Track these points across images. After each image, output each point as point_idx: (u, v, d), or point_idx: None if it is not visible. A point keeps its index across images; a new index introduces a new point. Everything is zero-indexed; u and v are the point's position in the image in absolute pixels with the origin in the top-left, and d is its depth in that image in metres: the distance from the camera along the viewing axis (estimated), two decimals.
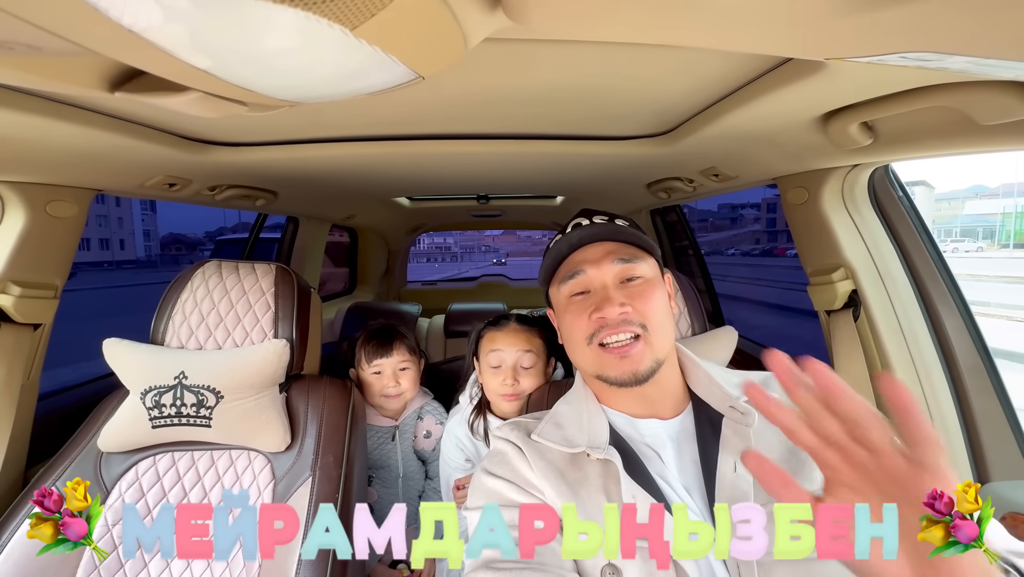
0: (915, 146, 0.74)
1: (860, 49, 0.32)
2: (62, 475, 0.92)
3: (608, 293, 0.65)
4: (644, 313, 0.64)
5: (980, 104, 0.57)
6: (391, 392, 1.26)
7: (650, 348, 0.64)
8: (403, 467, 1.31)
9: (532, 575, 0.53)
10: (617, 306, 0.64)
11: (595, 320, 0.65)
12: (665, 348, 0.66)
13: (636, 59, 0.61)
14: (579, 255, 0.70)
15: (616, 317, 0.64)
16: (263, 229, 2.29)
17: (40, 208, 0.98)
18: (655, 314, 0.65)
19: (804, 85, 0.60)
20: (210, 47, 0.22)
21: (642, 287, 0.67)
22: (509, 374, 1.07)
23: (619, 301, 0.64)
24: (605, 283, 0.67)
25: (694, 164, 1.13)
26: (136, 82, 0.29)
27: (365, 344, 1.27)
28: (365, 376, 1.27)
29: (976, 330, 0.97)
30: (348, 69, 0.28)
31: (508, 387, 1.07)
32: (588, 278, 0.68)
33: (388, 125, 0.90)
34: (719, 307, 2.04)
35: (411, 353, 1.29)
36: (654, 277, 0.69)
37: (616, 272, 0.67)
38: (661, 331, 0.65)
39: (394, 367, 1.26)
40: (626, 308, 0.64)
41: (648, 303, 0.65)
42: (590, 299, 0.67)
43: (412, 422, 1.35)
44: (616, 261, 0.67)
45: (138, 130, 0.81)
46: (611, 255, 0.68)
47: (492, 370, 1.10)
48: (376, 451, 1.29)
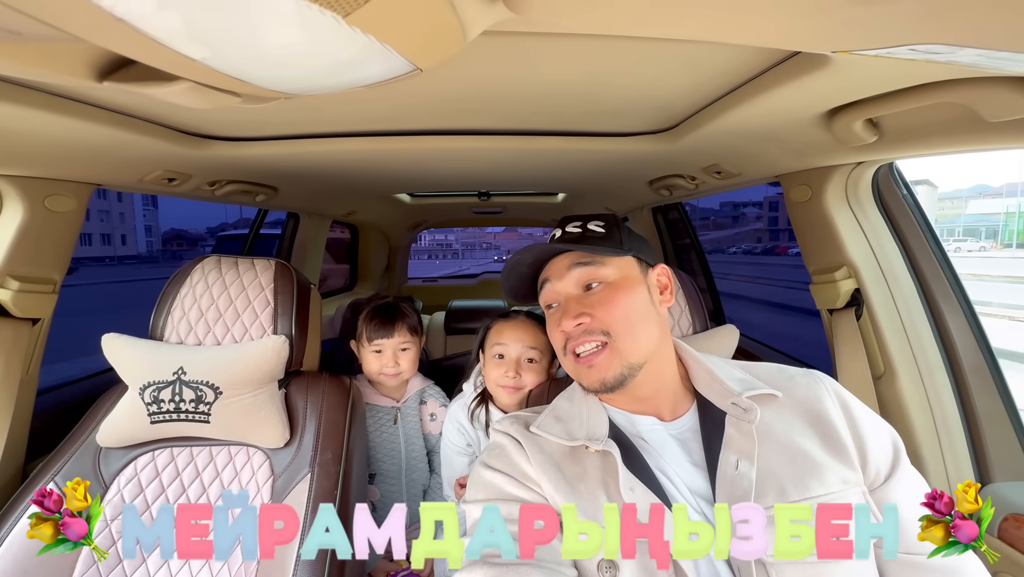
0: (921, 143, 0.73)
1: (869, 41, 0.31)
2: (61, 470, 0.92)
3: (568, 305, 0.66)
4: (605, 320, 0.64)
5: (987, 100, 0.56)
6: (390, 372, 1.25)
7: (617, 355, 0.63)
8: (406, 456, 1.29)
9: (529, 571, 0.52)
10: (573, 318, 0.64)
11: (561, 333, 0.66)
12: (639, 351, 0.64)
13: (638, 54, 0.61)
14: (547, 268, 0.72)
15: (576, 329, 0.65)
16: (264, 225, 2.29)
17: (39, 202, 0.98)
18: (618, 319, 0.64)
19: (809, 80, 0.59)
20: (199, 34, 0.22)
21: (602, 293, 0.66)
22: (512, 367, 1.09)
23: (575, 312, 0.64)
24: (568, 294, 0.68)
25: (696, 161, 1.12)
26: (126, 71, 0.28)
27: (368, 321, 1.25)
28: (365, 352, 1.26)
29: (980, 330, 0.96)
30: (342, 59, 0.27)
31: (509, 379, 1.08)
32: (554, 289, 0.69)
33: (389, 120, 0.90)
34: (720, 305, 2.03)
35: (412, 333, 1.28)
36: (619, 279, 0.67)
37: (575, 280, 0.68)
38: (630, 335, 0.64)
39: (395, 347, 1.25)
40: (583, 318, 0.64)
41: (609, 309, 0.64)
42: (558, 311, 0.68)
43: (415, 406, 1.34)
44: (574, 268, 0.67)
45: (137, 124, 0.81)
46: (571, 264, 0.68)
47: (495, 361, 1.12)
48: (378, 435, 1.27)
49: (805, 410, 0.62)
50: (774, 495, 0.56)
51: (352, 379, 1.10)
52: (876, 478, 0.59)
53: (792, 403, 0.63)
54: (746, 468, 0.57)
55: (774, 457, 0.58)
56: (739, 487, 0.56)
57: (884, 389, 0.99)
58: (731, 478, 0.57)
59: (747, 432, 0.60)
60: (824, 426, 0.61)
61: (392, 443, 1.29)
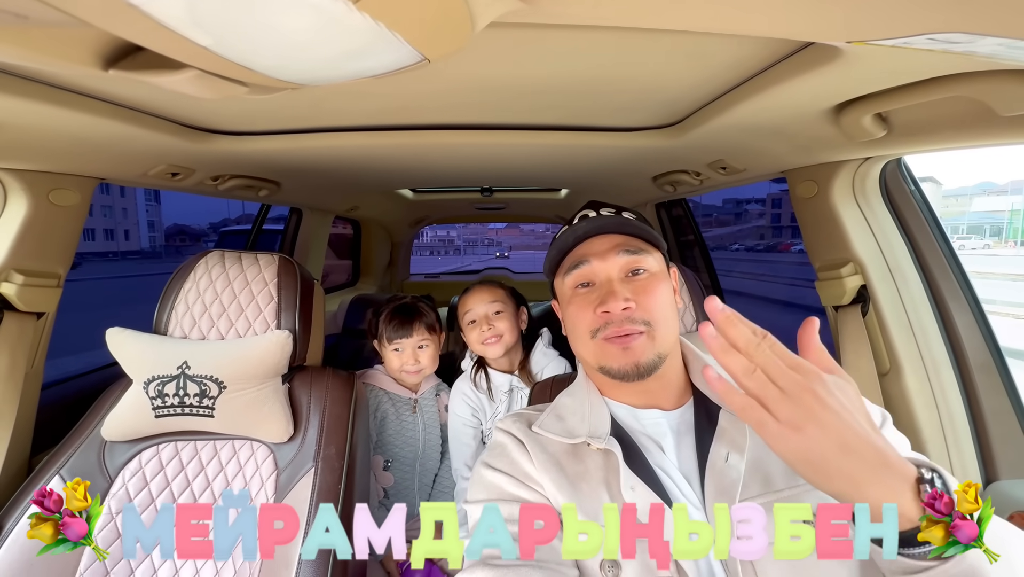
0: (930, 138, 0.72)
1: (886, 30, 0.31)
2: (66, 464, 0.92)
3: (613, 287, 0.64)
4: (648, 309, 0.63)
5: (1000, 94, 0.55)
6: (410, 369, 1.30)
7: (653, 343, 0.63)
8: (423, 444, 1.35)
9: (530, 572, 0.52)
10: (621, 301, 0.63)
11: (600, 315, 0.64)
12: (668, 343, 0.65)
13: (645, 47, 0.60)
14: (585, 247, 0.69)
15: (620, 314, 0.63)
16: (266, 220, 2.29)
17: (42, 196, 0.98)
18: (659, 309, 0.64)
19: (819, 73, 0.58)
20: (207, 20, 0.21)
21: (647, 281, 0.65)
22: (483, 322, 1.26)
23: (623, 296, 0.63)
24: (610, 276, 0.66)
25: (701, 157, 1.11)
26: (132, 59, 0.28)
27: (388, 322, 1.31)
28: (386, 351, 1.32)
29: (987, 327, 0.96)
30: (351, 47, 0.27)
31: (485, 332, 1.25)
32: (592, 269, 0.67)
33: (393, 114, 0.89)
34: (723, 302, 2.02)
35: (430, 332, 1.33)
36: (659, 271, 0.68)
37: (622, 265, 0.66)
38: (665, 326, 0.64)
39: (414, 346, 1.30)
40: (630, 303, 0.63)
41: (653, 298, 0.64)
42: (594, 292, 0.66)
43: (431, 398, 1.41)
44: (622, 253, 0.66)
45: (141, 118, 0.81)
46: (617, 248, 0.66)
47: (470, 327, 1.29)
48: (398, 423, 1.32)
49: None
50: (759, 485, 0.56)
51: (355, 373, 1.11)
52: None
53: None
54: (735, 460, 0.57)
55: (765, 449, 0.58)
56: (727, 477, 0.57)
57: (890, 386, 0.98)
58: (720, 469, 0.58)
59: (740, 425, 0.60)
60: None
61: (411, 431, 1.34)
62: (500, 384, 1.31)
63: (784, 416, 0.41)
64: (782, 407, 0.41)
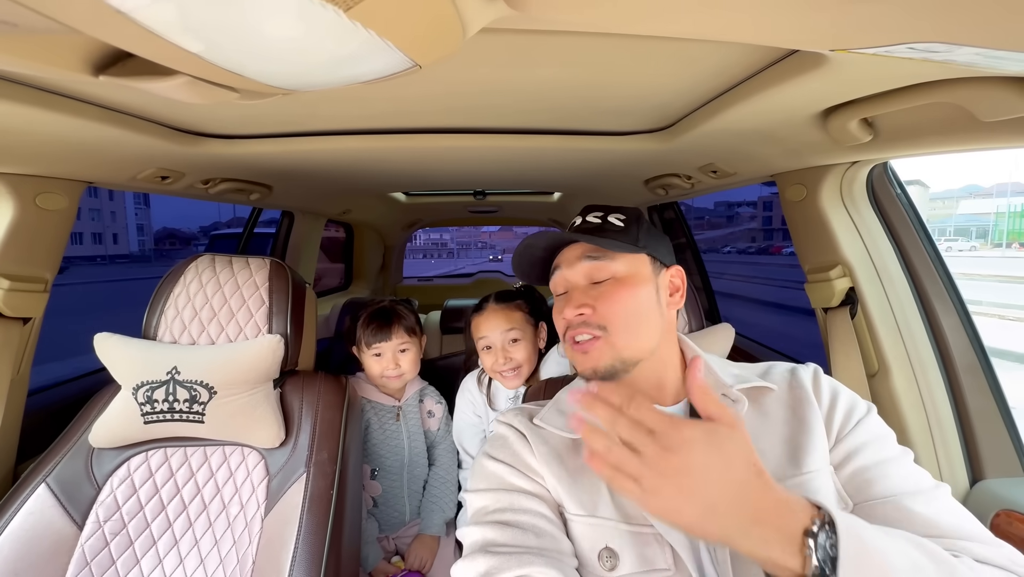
0: (915, 143, 0.74)
1: (867, 39, 0.32)
2: (53, 471, 0.90)
3: (572, 294, 0.67)
4: (605, 315, 0.64)
5: (982, 100, 0.56)
6: (391, 373, 1.27)
7: (610, 347, 0.64)
8: (409, 452, 1.32)
9: (530, 559, 0.53)
10: (575, 308, 0.65)
11: (563, 320, 0.67)
12: (635, 348, 0.65)
13: (634, 53, 0.61)
14: (560, 255, 0.72)
15: (575, 319, 0.65)
16: (258, 224, 2.27)
17: (29, 200, 0.96)
18: (618, 315, 0.64)
19: (805, 80, 0.59)
20: (197, 27, 0.21)
21: (608, 287, 0.66)
22: (500, 354, 1.19)
23: (578, 303, 0.65)
24: (575, 283, 0.68)
25: (692, 160, 1.12)
26: (122, 65, 0.28)
27: (365, 326, 1.28)
28: (366, 357, 1.28)
29: (973, 329, 0.97)
30: (342, 54, 0.27)
31: (501, 364, 1.18)
32: (563, 276, 0.70)
33: (385, 118, 0.89)
34: (716, 304, 2.04)
35: (410, 334, 1.29)
36: (627, 276, 0.67)
37: (584, 272, 0.68)
38: (627, 331, 0.64)
39: (394, 349, 1.27)
40: (584, 309, 0.65)
41: (610, 304, 0.64)
42: (563, 299, 0.69)
43: (415, 404, 1.37)
44: (584, 260, 0.68)
45: (130, 121, 0.80)
46: (582, 254, 0.68)
47: (485, 352, 1.22)
48: (381, 432, 1.29)
49: (790, 399, 0.64)
50: None
51: (348, 378, 1.10)
52: (841, 430, 0.60)
53: (780, 395, 0.65)
54: None
55: (759, 442, 0.59)
56: None
57: (878, 387, 0.99)
58: None
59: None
60: (803, 412, 0.62)
61: (395, 440, 1.31)
62: (506, 390, 1.27)
63: (643, 482, 0.42)
64: (642, 473, 0.42)
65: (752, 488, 0.41)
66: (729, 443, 0.43)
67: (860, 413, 0.61)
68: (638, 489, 0.42)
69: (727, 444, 0.43)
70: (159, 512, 0.92)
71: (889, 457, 0.57)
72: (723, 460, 0.42)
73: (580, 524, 0.59)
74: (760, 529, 0.40)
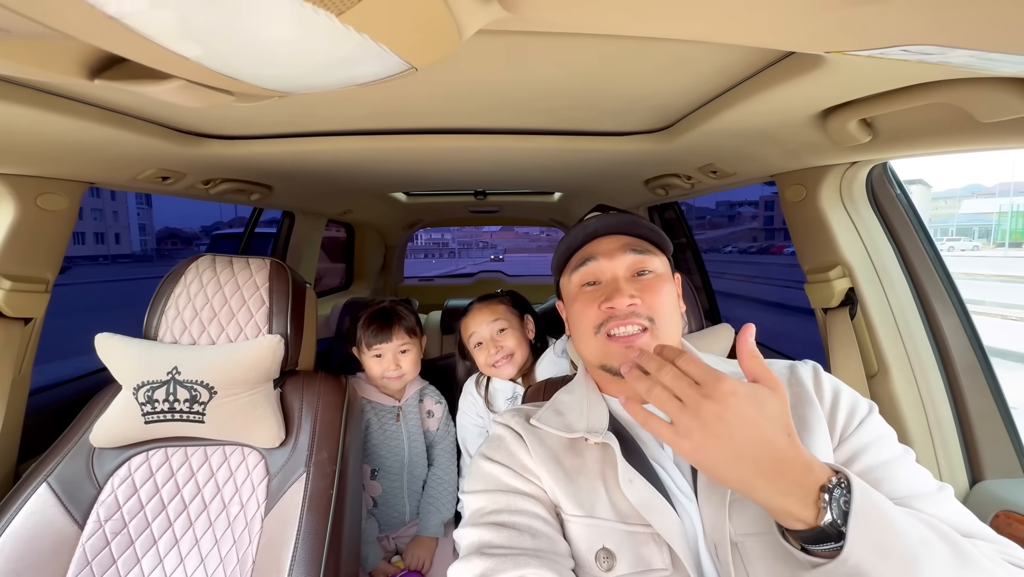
0: (914, 143, 0.74)
1: (862, 42, 0.32)
2: (54, 471, 0.91)
3: (619, 284, 0.66)
4: (653, 306, 0.64)
5: (980, 101, 0.56)
6: (392, 374, 1.27)
7: (656, 340, 0.64)
8: (409, 452, 1.32)
9: (525, 561, 0.53)
10: (627, 297, 0.64)
11: (604, 310, 0.65)
12: (674, 342, 0.66)
13: (633, 54, 0.61)
14: (593, 246, 0.70)
15: (625, 309, 0.64)
16: (259, 224, 2.27)
17: (30, 201, 0.97)
18: (663, 308, 0.65)
19: (803, 81, 0.59)
20: (193, 33, 0.21)
21: (652, 281, 0.67)
22: (490, 345, 1.24)
23: (629, 293, 0.64)
24: (616, 275, 0.67)
25: (692, 161, 1.12)
26: (118, 69, 0.28)
27: (365, 327, 1.28)
28: (366, 358, 1.28)
29: (972, 329, 0.97)
30: (336, 57, 0.27)
31: (494, 354, 1.23)
32: (599, 267, 0.68)
33: (385, 119, 0.89)
34: (716, 304, 2.03)
35: (410, 335, 1.30)
36: (665, 273, 0.69)
37: (628, 264, 0.67)
38: (668, 326, 0.65)
39: (394, 351, 1.27)
40: (635, 300, 0.64)
41: (657, 297, 0.65)
42: (600, 290, 0.67)
43: (415, 404, 1.37)
44: (629, 252, 0.67)
45: (130, 122, 0.80)
46: (625, 247, 0.68)
47: (478, 349, 1.27)
48: (381, 432, 1.30)
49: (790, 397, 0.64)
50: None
51: (348, 378, 1.10)
52: (844, 430, 0.60)
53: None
54: None
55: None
56: None
57: (878, 387, 0.99)
58: None
59: None
60: (803, 410, 0.61)
61: (396, 440, 1.31)
62: (503, 390, 1.29)
63: (679, 424, 0.45)
64: (679, 416, 0.45)
65: (780, 446, 0.44)
66: (768, 403, 0.45)
67: (863, 412, 0.61)
68: (670, 430, 0.45)
69: (766, 403, 0.45)
70: (160, 512, 0.93)
71: (893, 457, 0.57)
72: (759, 416, 0.44)
73: (577, 524, 0.59)
74: (781, 481, 0.43)
